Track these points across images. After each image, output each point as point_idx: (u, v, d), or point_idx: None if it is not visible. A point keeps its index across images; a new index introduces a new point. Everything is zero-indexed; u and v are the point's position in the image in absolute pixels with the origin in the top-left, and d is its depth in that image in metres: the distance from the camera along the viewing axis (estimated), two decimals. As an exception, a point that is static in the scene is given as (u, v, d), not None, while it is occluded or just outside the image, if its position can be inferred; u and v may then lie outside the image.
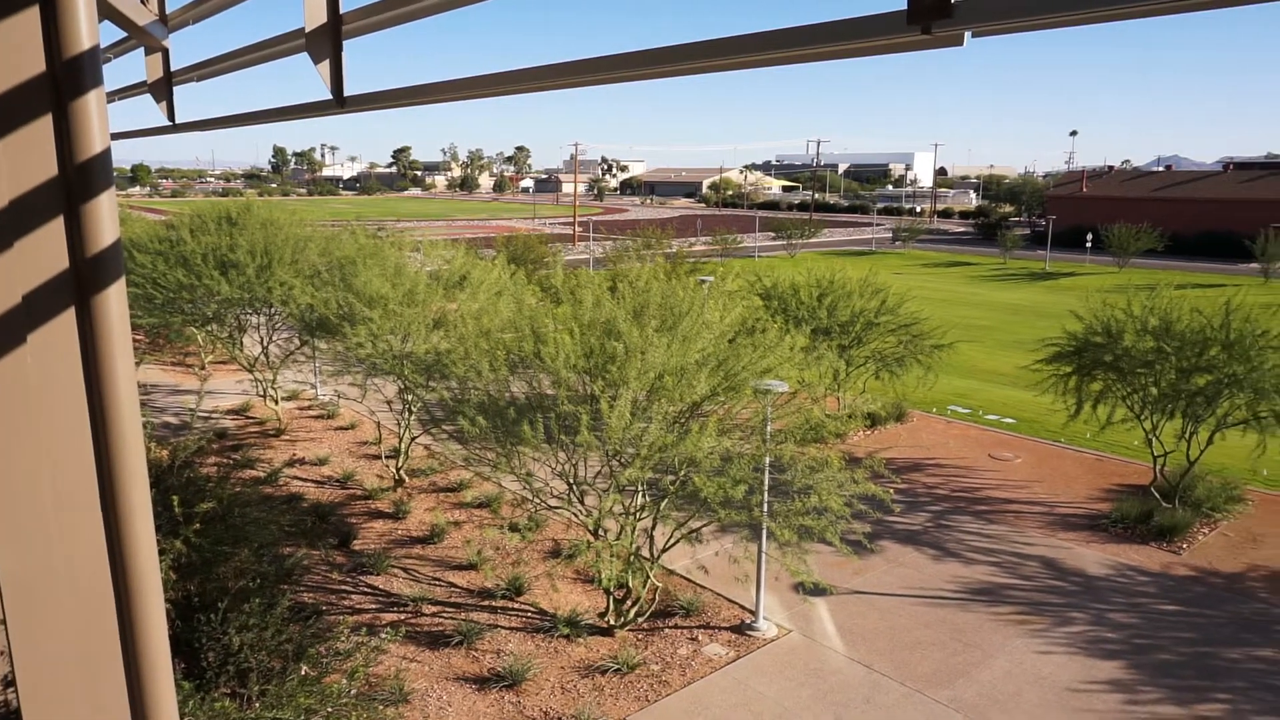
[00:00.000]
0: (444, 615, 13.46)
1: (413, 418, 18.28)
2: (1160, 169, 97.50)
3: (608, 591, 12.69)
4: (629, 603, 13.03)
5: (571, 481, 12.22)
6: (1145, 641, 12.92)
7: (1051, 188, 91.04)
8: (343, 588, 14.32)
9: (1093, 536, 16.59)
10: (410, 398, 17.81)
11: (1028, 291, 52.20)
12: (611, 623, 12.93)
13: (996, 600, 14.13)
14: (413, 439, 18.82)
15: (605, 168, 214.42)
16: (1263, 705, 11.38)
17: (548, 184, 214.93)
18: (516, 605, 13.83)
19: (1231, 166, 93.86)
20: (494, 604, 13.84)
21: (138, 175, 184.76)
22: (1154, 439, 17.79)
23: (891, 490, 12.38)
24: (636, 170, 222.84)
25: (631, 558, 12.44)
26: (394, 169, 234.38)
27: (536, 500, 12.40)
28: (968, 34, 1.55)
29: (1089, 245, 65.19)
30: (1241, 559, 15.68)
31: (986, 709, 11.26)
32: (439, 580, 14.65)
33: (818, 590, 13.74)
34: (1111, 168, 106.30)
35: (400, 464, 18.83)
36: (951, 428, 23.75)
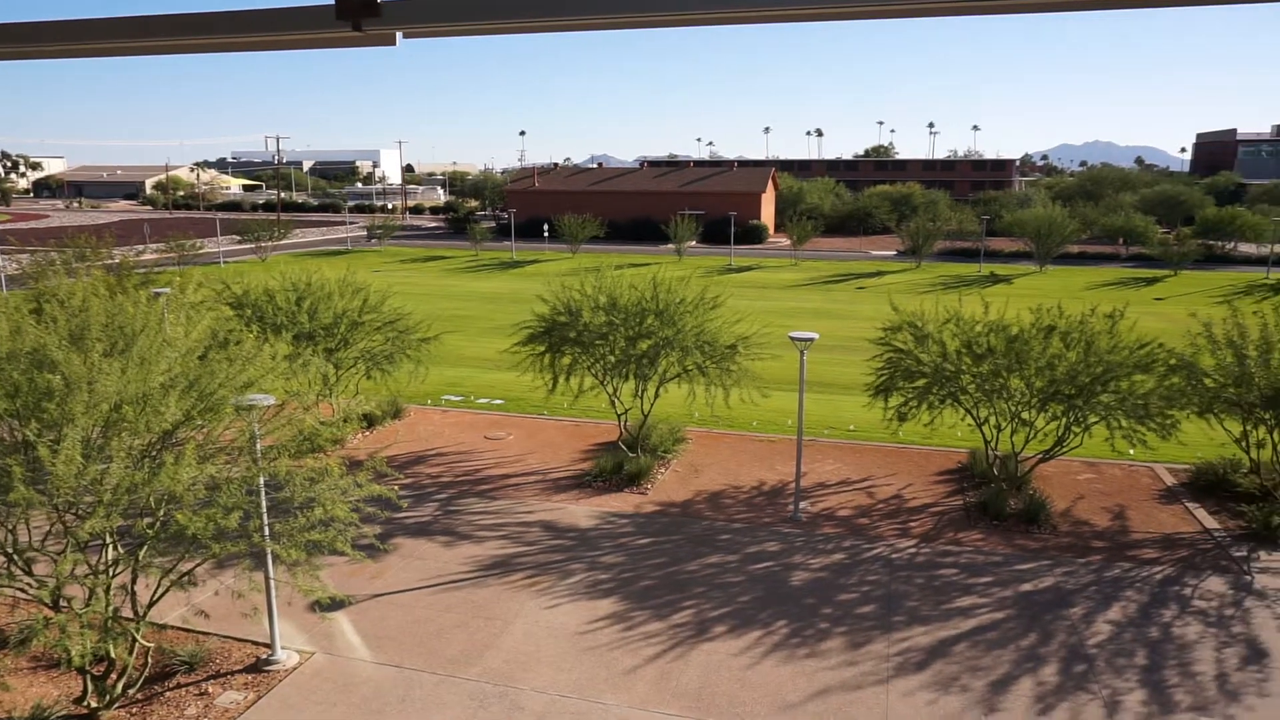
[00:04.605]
0: None
1: None
2: (594, 165, 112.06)
3: (83, 670, 10.69)
4: (114, 676, 11.13)
5: (10, 551, 9.98)
6: (630, 574, 15.00)
7: (509, 183, 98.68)
8: None
9: (581, 494, 18.66)
10: None
11: (500, 280, 56.16)
12: (94, 705, 10.94)
13: (508, 570, 15.13)
14: None
15: (9, 165, 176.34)
16: (717, 601, 14.03)
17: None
18: (-52, 722, 10.91)
19: (646, 164, 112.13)
20: (-88, 730, 10.74)
21: None
22: (615, 400, 20.60)
23: (397, 487, 12.42)
24: (55, 168, 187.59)
25: (109, 623, 10.63)
26: None
27: (-40, 585, 9.86)
28: (399, 34, 1.60)
29: (546, 235, 72.46)
30: (689, 488, 19.03)
31: (513, 672, 12.04)
32: None
33: (336, 604, 13.28)
34: (556, 165, 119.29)
35: None
36: (447, 416, 24.64)
